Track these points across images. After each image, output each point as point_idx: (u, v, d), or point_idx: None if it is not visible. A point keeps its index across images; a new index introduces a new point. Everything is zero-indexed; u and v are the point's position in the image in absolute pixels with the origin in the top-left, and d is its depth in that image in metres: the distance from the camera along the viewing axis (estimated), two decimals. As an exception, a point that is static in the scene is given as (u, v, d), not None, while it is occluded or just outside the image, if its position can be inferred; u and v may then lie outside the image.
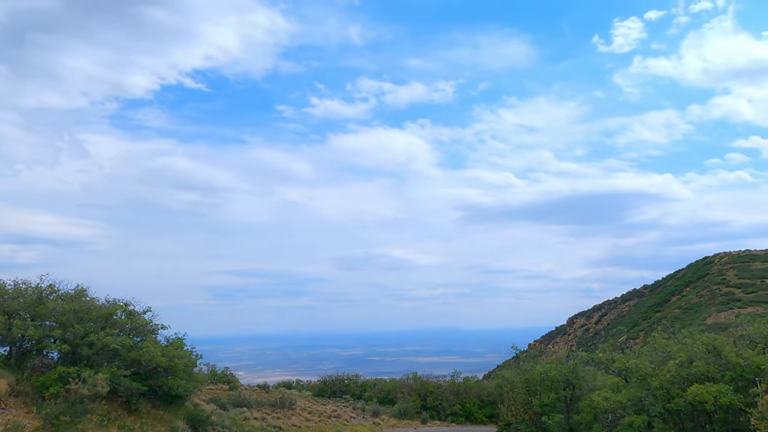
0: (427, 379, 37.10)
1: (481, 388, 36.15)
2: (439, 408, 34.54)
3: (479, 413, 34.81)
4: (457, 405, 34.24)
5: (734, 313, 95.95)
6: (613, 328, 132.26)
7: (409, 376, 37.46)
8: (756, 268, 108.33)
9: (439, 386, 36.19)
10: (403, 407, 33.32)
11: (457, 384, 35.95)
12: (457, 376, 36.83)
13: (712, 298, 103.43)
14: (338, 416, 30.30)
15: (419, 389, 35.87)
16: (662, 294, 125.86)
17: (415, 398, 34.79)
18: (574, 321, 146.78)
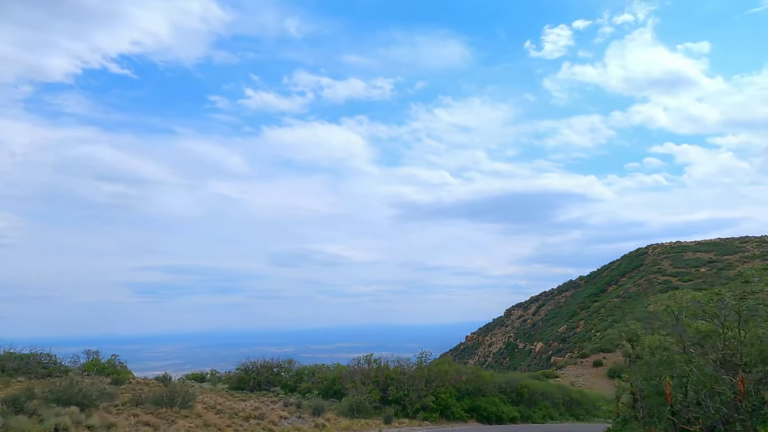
0: (387, 363, 26.82)
1: (458, 372, 26.36)
2: (404, 401, 24.35)
3: (457, 406, 24.99)
4: (429, 396, 24.24)
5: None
6: (551, 319, 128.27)
7: (363, 358, 27.03)
8: (689, 258, 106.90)
9: (404, 372, 26.04)
10: (355, 401, 22.86)
11: (428, 369, 25.96)
12: (425, 357, 26.85)
13: (650, 287, 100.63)
14: (261, 417, 19.35)
15: (377, 377, 25.56)
16: (598, 284, 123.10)
17: (372, 389, 24.44)
18: (511, 312, 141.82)
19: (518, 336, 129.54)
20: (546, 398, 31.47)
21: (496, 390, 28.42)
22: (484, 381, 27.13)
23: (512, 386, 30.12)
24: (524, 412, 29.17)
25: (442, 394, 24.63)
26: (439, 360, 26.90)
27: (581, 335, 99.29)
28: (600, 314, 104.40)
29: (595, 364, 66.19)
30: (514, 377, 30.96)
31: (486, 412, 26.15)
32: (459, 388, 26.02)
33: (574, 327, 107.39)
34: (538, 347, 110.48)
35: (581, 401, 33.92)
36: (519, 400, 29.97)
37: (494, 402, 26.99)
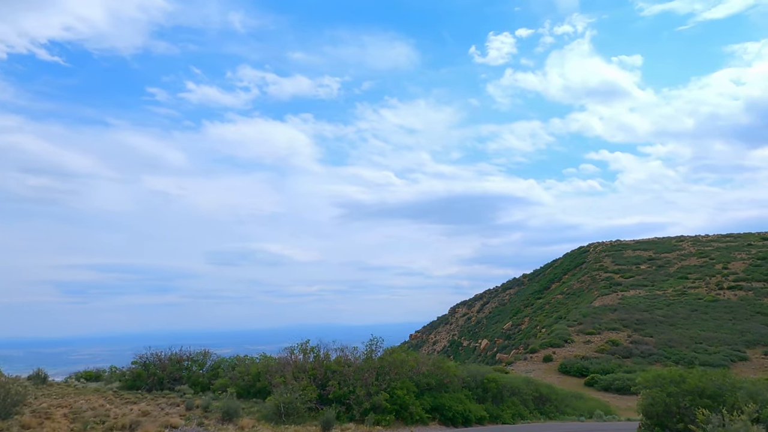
0: (328, 352, 20.62)
1: (418, 363, 20.61)
2: (349, 400, 18.29)
3: (416, 406, 19.21)
4: (382, 393, 18.32)
5: (618, 296, 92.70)
6: (495, 316, 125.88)
7: (297, 347, 20.71)
8: (629, 256, 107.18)
9: (350, 364, 19.98)
10: (284, 401, 16.62)
11: (381, 359, 20.03)
12: (376, 344, 20.89)
13: (594, 283, 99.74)
14: (134, 427, 12.76)
15: (315, 370, 19.36)
16: (542, 282, 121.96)
17: (307, 385, 18.24)
18: (456, 310, 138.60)
19: (463, 334, 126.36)
20: (514, 394, 26.35)
21: (460, 385, 22.93)
22: (448, 373, 21.57)
23: (477, 380, 24.75)
24: (492, 410, 23.86)
25: (398, 391, 18.78)
26: (394, 348, 21.11)
27: (526, 332, 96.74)
28: (545, 311, 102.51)
29: (545, 359, 62.55)
30: (479, 369, 25.62)
31: (451, 412, 20.58)
32: (419, 383, 20.29)
33: (519, 324, 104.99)
34: (482, 344, 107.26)
35: (551, 397, 29.11)
36: (484, 396, 24.66)
37: (460, 399, 21.48)
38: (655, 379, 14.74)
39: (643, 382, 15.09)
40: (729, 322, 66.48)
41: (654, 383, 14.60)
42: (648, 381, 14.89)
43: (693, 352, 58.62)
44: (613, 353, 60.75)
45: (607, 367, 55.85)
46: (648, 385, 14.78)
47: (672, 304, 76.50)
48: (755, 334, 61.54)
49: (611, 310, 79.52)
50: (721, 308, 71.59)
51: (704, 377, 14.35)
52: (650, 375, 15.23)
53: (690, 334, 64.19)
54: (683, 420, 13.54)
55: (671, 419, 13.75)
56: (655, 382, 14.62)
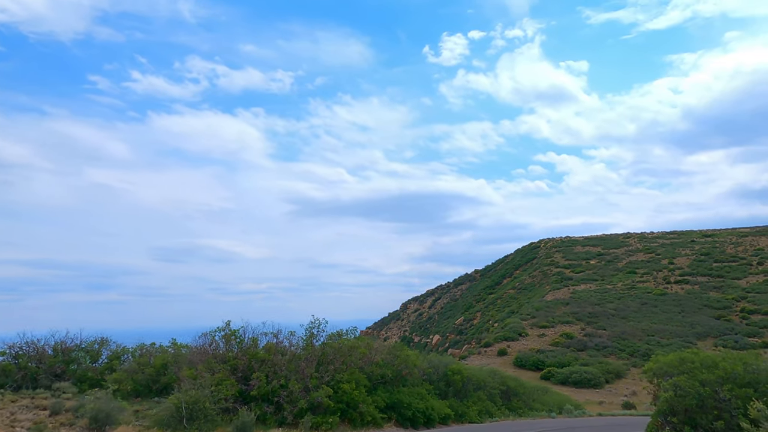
0: (255, 338, 15.93)
1: (371, 350, 16.31)
2: (279, 397, 13.73)
3: (368, 403, 14.91)
4: (324, 388, 13.89)
5: (570, 291, 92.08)
6: (447, 312, 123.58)
7: (216, 333, 15.92)
8: (579, 251, 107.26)
9: (284, 352, 15.40)
10: (188, 401, 11.92)
11: (324, 345, 15.56)
12: (318, 327, 16.39)
13: (545, 278, 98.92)
14: None
15: (237, 360, 14.67)
16: (494, 277, 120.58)
17: (224, 379, 13.58)
18: (407, 306, 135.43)
19: (414, 329, 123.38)
20: (479, 388, 22.54)
21: (421, 378, 18.83)
22: (407, 364, 17.40)
23: (440, 372, 20.76)
24: (456, 407, 19.90)
25: (345, 385, 14.41)
26: (341, 332, 16.73)
27: (478, 326, 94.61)
28: (497, 305, 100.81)
29: (499, 353, 59.78)
30: (441, 360, 21.64)
31: (410, 411, 16.41)
32: (371, 375, 15.99)
33: (471, 318, 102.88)
34: (434, 340, 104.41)
35: (518, 391, 25.52)
36: (447, 390, 20.72)
37: (421, 395, 17.36)
38: (680, 362, 11.10)
39: (659, 367, 11.45)
40: (678, 314, 66.11)
41: (678, 368, 10.96)
42: (669, 365, 11.22)
43: (646, 345, 57.38)
44: (568, 346, 58.75)
45: (563, 360, 53.60)
46: (670, 370, 11.16)
47: (622, 298, 75.91)
48: (705, 326, 61.17)
49: (563, 303, 78.16)
50: (670, 301, 71.42)
51: (739, 360, 10.94)
52: (671, 359, 11.61)
53: (642, 327, 63.21)
54: (722, 416, 9.99)
55: (706, 415, 10.17)
56: (680, 366, 10.97)
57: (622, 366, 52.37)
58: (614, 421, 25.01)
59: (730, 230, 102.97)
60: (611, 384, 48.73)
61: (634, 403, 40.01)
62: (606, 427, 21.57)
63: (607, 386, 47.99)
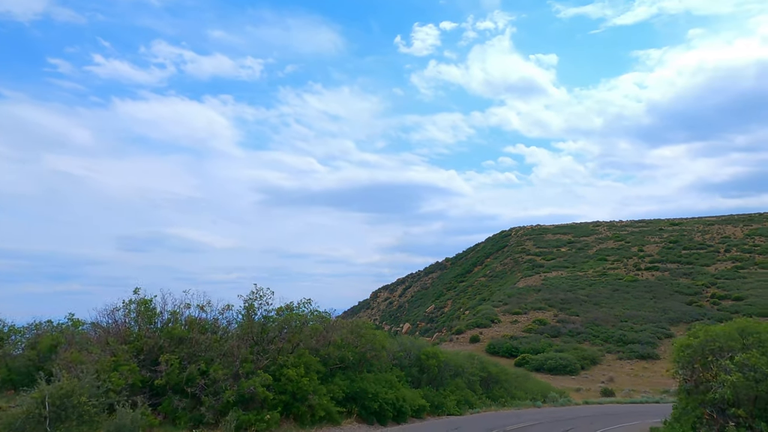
0: (174, 311, 12.10)
1: (327, 327, 12.71)
2: (192, 387, 10.00)
3: (322, 394, 11.33)
4: (261, 375, 10.27)
5: (541, 278, 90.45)
6: (418, 300, 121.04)
7: (126, 305, 12.04)
8: (550, 239, 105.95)
9: (215, 329, 11.63)
10: (54, 394, 8.09)
11: (265, 320, 11.84)
12: (261, 298, 12.69)
13: (516, 266, 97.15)
14: None
15: (144, 339, 10.83)
16: (465, 265, 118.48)
17: (124, 362, 9.78)
18: (377, 295, 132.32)
19: (384, 318, 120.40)
20: (458, 374, 19.26)
21: (390, 362, 15.34)
22: (374, 345, 13.87)
23: (412, 356, 17.34)
24: (432, 397, 16.53)
25: (291, 370, 10.80)
26: (291, 305, 13.12)
27: (449, 314, 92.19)
28: (468, 293, 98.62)
29: (472, 340, 57.10)
30: (414, 342, 18.24)
31: (376, 403, 12.91)
32: (327, 358, 12.41)
33: (442, 306, 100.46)
34: (404, 328, 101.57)
35: (500, 377, 22.38)
36: (421, 378, 17.35)
37: (390, 383, 13.88)
38: (741, 334, 7.88)
39: (709, 341, 8.26)
40: (650, 300, 64.78)
41: (741, 342, 7.76)
42: (727, 337, 8.00)
43: (620, 330, 55.59)
44: (542, 332, 56.49)
45: (537, 346, 51.22)
46: (731, 344, 7.96)
47: (594, 285, 74.39)
48: (677, 312, 59.88)
49: (535, 290, 76.20)
50: (641, 288, 70.20)
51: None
52: (726, 330, 8.41)
53: (614, 313, 61.52)
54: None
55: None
56: (743, 340, 7.76)
57: (597, 352, 50.41)
58: (604, 410, 22.28)
59: (697, 219, 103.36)
60: (587, 370, 46.65)
61: (613, 389, 37.83)
62: (600, 417, 18.68)
63: (583, 372, 45.88)
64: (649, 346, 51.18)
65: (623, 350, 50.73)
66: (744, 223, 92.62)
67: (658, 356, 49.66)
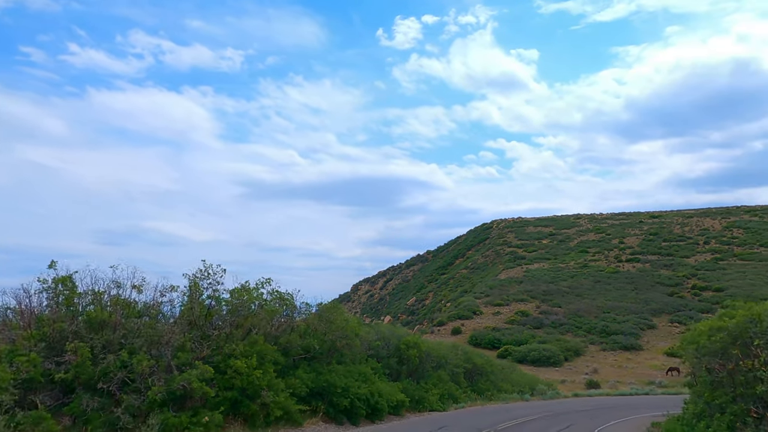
0: (98, 292, 9.89)
1: (289, 310, 10.64)
2: (107, 383, 7.86)
3: (278, 389, 9.31)
4: (200, 366, 8.23)
5: (523, 269, 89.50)
6: (399, 293, 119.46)
7: (45, 280, 9.84)
8: (531, 231, 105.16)
9: (151, 313, 9.44)
10: None
11: (208, 299, 9.71)
12: (209, 278, 10.57)
13: (498, 258, 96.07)
14: None
15: (55, 323, 8.64)
16: (446, 258, 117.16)
17: (22, 351, 7.65)
18: (358, 288, 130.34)
19: (365, 311, 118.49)
20: (440, 366, 17.40)
21: (365, 352, 13.36)
22: (346, 332, 11.85)
23: (391, 346, 15.39)
24: (412, 391, 14.62)
25: (239, 361, 8.74)
26: (246, 286, 11.02)
27: (430, 306, 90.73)
28: (449, 285, 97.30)
29: (453, 332, 55.52)
30: (393, 331, 16.31)
31: (346, 399, 10.90)
32: (289, 347, 10.35)
33: (423, 299, 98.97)
34: (385, 320, 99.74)
35: (485, 369, 20.60)
36: (400, 370, 15.43)
37: (364, 376, 11.88)
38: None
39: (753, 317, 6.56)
40: (632, 292, 64.08)
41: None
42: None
43: (603, 321, 54.59)
44: (524, 324, 55.18)
45: (520, 338, 49.84)
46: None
47: (576, 276, 73.55)
48: (659, 303, 59.21)
49: (517, 282, 75.04)
50: (623, 279, 69.55)
51: None
52: None
53: (597, 304, 60.58)
54: None
55: None
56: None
57: (581, 343, 49.28)
58: (596, 403, 20.72)
59: (676, 212, 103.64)
60: (570, 362, 45.43)
61: (598, 380, 36.59)
62: (596, 411, 17.05)
63: (567, 364, 44.64)
64: (632, 337, 50.27)
65: (606, 341, 49.73)
66: (722, 216, 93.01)
67: (641, 347, 48.80)
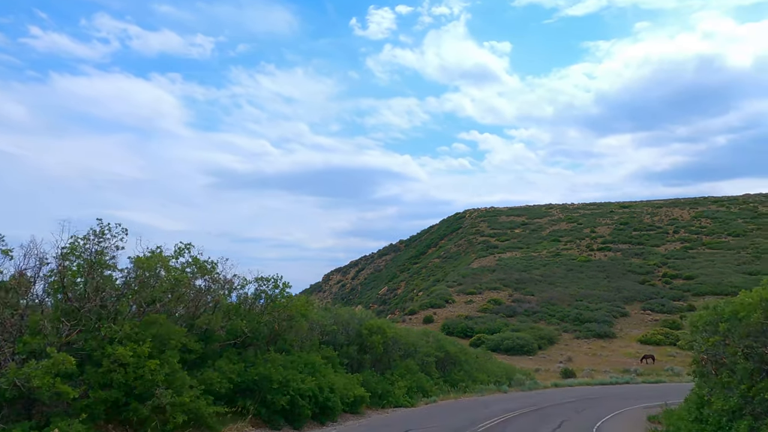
0: None
1: (211, 280, 8.03)
2: None
3: (181, 385, 6.74)
4: (51, 356, 5.66)
5: (495, 258, 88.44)
6: (371, 282, 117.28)
7: None
8: (504, 221, 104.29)
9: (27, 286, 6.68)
10: None
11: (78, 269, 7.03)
12: (97, 239, 7.90)
13: (471, 247, 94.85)
14: None
15: None
16: (419, 247, 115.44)
17: None
18: (330, 278, 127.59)
19: (336, 301, 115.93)
20: (409, 355, 15.06)
21: (316, 339, 10.81)
22: (288, 312, 9.27)
23: (351, 332, 12.93)
24: (375, 384, 12.19)
25: (123, 349, 6.14)
26: (156, 252, 8.46)
27: (402, 296, 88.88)
28: (422, 275, 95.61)
29: (425, 321, 53.64)
30: (353, 314, 13.86)
31: (285, 397, 8.35)
32: (209, 331, 7.73)
33: (395, 288, 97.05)
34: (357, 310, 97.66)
35: (459, 358, 18.37)
36: (362, 360, 13.02)
37: (313, 366, 9.33)
38: None
39: None
40: (604, 280, 63.39)
41: None
42: None
43: (576, 309, 53.51)
44: (497, 312, 53.68)
45: (493, 326, 48.25)
46: None
47: (548, 265, 72.64)
48: (631, 290, 58.58)
49: (490, 270, 73.73)
50: (595, 267, 68.93)
51: None
52: None
53: (570, 292, 59.58)
54: None
55: None
56: None
57: (554, 331, 48.02)
58: (578, 393, 18.83)
59: (645, 202, 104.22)
60: (544, 350, 44.05)
61: (573, 369, 35.10)
62: (582, 403, 15.05)
63: (541, 352, 43.23)
64: (605, 324, 49.30)
65: (580, 329, 48.63)
66: (690, 206, 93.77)
67: (614, 335, 47.85)
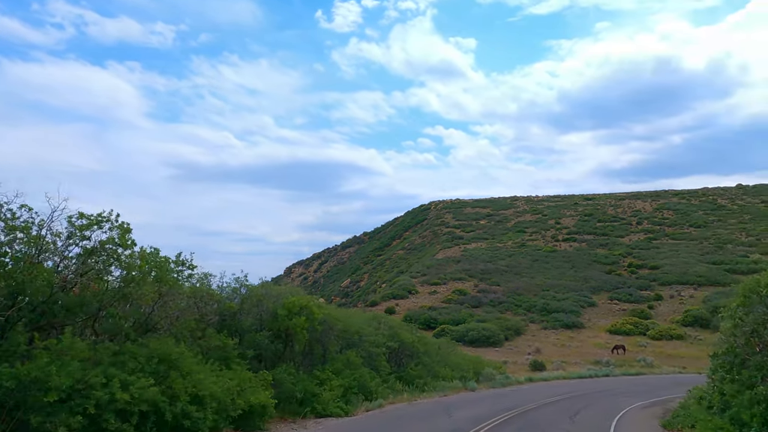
0: None
1: None
2: None
3: None
4: None
5: (461, 249, 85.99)
6: (334, 275, 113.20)
7: None
8: (469, 212, 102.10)
9: None
10: None
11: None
12: None
13: (436, 238, 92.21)
14: None
15: None
16: (383, 239, 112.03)
17: None
18: (292, 270, 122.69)
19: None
20: (351, 346, 11.42)
21: (191, 319, 6.89)
22: (135, 269, 5.48)
23: (264, 313, 9.06)
24: (293, 386, 8.41)
25: None
26: None
27: (365, 288, 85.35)
28: (385, 266, 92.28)
29: (387, 311, 50.03)
30: (268, 290, 10.08)
31: (76, 417, 4.46)
32: None
33: (358, 281, 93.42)
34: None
35: (417, 349, 14.86)
36: (282, 352, 9.25)
37: (169, 360, 5.45)
38: None
39: None
40: (570, 270, 61.47)
41: None
42: None
43: (542, 300, 51.12)
44: (462, 303, 50.72)
45: (457, 317, 45.24)
46: None
47: (514, 255, 70.41)
48: (598, 280, 56.76)
49: (455, 261, 70.88)
50: (560, 258, 67.08)
51: None
52: None
53: (536, 283, 57.27)
54: None
55: None
56: None
57: (521, 322, 45.40)
58: (559, 390, 15.73)
59: (608, 194, 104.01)
60: (511, 341, 41.28)
61: (542, 361, 32.36)
62: (571, 402, 11.82)
63: (507, 343, 40.41)
64: (573, 314, 47.09)
65: (547, 319, 46.24)
66: (652, 199, 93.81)
67: (582, 325, 45.70)
